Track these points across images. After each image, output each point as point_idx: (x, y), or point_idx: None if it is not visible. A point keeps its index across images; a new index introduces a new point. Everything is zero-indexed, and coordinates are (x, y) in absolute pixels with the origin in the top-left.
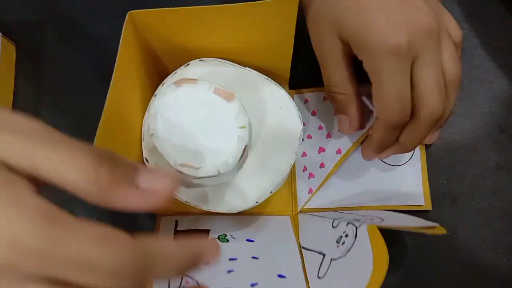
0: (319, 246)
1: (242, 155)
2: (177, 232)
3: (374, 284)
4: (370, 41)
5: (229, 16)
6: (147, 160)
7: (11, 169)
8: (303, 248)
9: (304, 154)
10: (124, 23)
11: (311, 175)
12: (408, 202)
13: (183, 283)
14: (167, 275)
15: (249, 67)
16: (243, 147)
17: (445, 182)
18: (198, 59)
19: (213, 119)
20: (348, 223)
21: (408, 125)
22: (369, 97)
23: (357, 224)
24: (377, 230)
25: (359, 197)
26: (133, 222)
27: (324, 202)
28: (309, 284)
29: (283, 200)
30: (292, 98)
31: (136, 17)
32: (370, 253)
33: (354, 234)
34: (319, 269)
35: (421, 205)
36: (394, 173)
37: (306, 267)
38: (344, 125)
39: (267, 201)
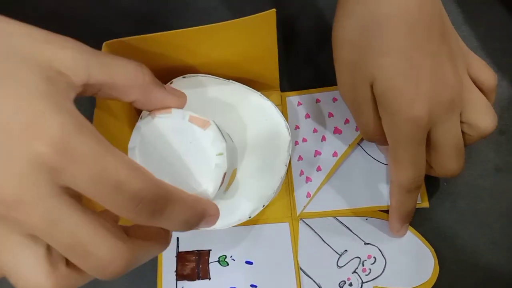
0: (318, 278)
1: (222, 183)
2: (179, 255)
3: None
4: (395, 108)
5: (211, 36)
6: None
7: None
8: (302, 270)
9: (300, 158)
10: None
11: (308, 179)
12: None
13: None
14: (177, 223)
15: (237, 77)
16: (222, 175)
17: (444, 183)
18: (181, 76)
19: (190, 148)
20: (354, 271)
21: None
22: None
23: (363, 277)
24: None
25: (358, 198)
26: None
27: (323, 205)
28: None
29: (282, 206)
30: (285, 101)
31: (112, 46)
32: None
33: None
34: None
35: (419, 203)
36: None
37: None
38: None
39: (265, 208)
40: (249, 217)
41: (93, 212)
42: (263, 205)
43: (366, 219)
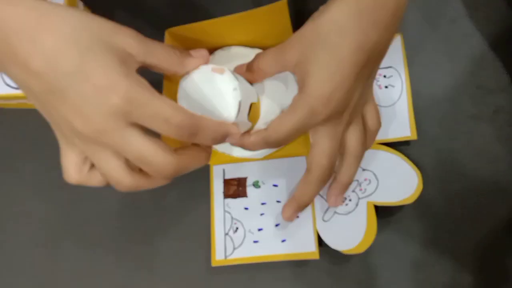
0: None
1: (238, 110)
2: (225, 181)
3: (360, 247)
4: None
5: (239, 23)
6: None
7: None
8: None
9: None
10: (165, 39)
11: None
12: (398, 134)
13: (233, 225)
14: (208, 139)
15: None
16: (237, 103)
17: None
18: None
19: (214, 89)
20: (353, 190)
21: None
22: None
23: (359, 194)
24: (373, 210)
25: None
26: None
27: None
28: (316, 224)
29: (300, 144)
30: None
31: (173, 32)
32: (364, 225)
33: (356, 203)
34: (324, 214)
35: (409, 136)
36: (386, 111)
37: (314, 210)
38: None
39: (287, 145)
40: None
41: (152, 137)
42: None
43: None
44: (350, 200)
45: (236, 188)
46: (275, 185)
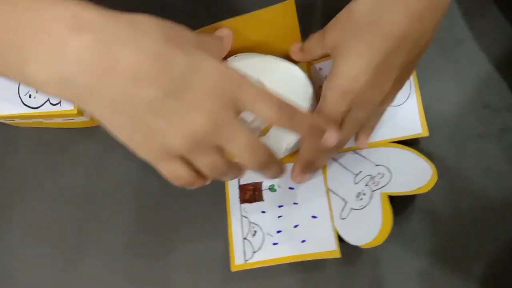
0: (343, 194)
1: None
2: (240, 186)
3: (379, 239)
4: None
5: (248, 23)
6: None
7: None
8: (331, 191)
9: None
10: None
11: None
12: (409, 132)
13: (251, 229)
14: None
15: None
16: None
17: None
18: (233, 56)
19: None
20: (366, 184)
21: None
22: None
23: (372, 187)
24: (388, 200)
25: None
26: None
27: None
28: (334, 222)
29: None
30: (310, 69)
31: (202, 31)
32: (380, 216)
33: (370, 196)
34: (341, 212)
35: (420, 133)
36: (397, 111)
37: (332, 209)
38: None
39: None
40: (286, 149)
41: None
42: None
43: (378, 149)
44: (364, 194)
45: (252, 193)
46: (291, 188)
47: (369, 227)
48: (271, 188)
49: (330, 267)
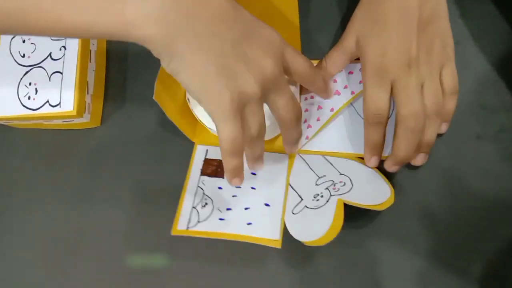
0: (300, 191)
1: None
2: (206, 160)
3: (322, 240)
4: (366, 56)
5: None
6: (188, 100)
7: None
8: (290, 185)
9: (306, 110)
10: None
11: (309, 126)
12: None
13: (203, 200)
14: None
15: None
16: None
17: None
18: None
19: None
20: (326, 188)
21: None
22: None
23: (332, 192)
24: (342, 205)
25: (344, 145)
26: (176, 145)
27: (316, 146)
28: (285, 215)
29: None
30: None
31: None
32: (331, 220)
33: (327, 200)
34: (294, 207)
35: None
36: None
37: (286, 202)
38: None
39: (273, 141)
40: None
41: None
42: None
43: (346, 160)
44: (322, 196)
45: (215, 168)
46: (253, 173)
47: (317, 227)
48: None
49: (328, 267)
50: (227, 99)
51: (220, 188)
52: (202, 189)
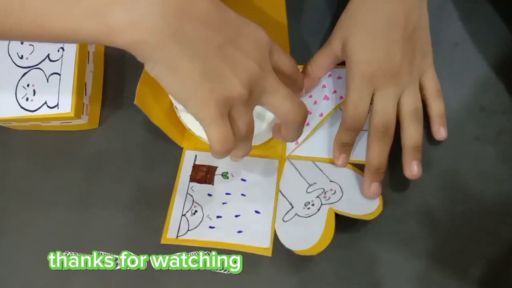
0: (291, 198)
1: None
2: (194, 166)
3: (313, 250)
4: (353, 62)
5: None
6: (176, 108)
7: None
8: (281, 192)
9: None
10: None
11: None
12: None
13: (193, 208)
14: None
15: None
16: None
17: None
18: None
19: None
20: (317, 196)
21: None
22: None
23: (323, 200)
24: (333, 216)
25: (331, 150)
26: (175, 148)
27: (306, 152)
28: (275, 222)
29: (275, 147)
30: None
31: None
32: (322, 229)
33: (318, 208)
34: (285, 215)
35: None
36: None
37: (277, 209)
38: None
39: (263, 146)
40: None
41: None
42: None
43: (336, 166)
44: (313, 204)
45: (204, 174)
46: (243, 180)
47: (308, 236)
48: (224, 175)
49: (326, 269)
50: (212, 103)
51: (209, 195)
52: (191, 196)
